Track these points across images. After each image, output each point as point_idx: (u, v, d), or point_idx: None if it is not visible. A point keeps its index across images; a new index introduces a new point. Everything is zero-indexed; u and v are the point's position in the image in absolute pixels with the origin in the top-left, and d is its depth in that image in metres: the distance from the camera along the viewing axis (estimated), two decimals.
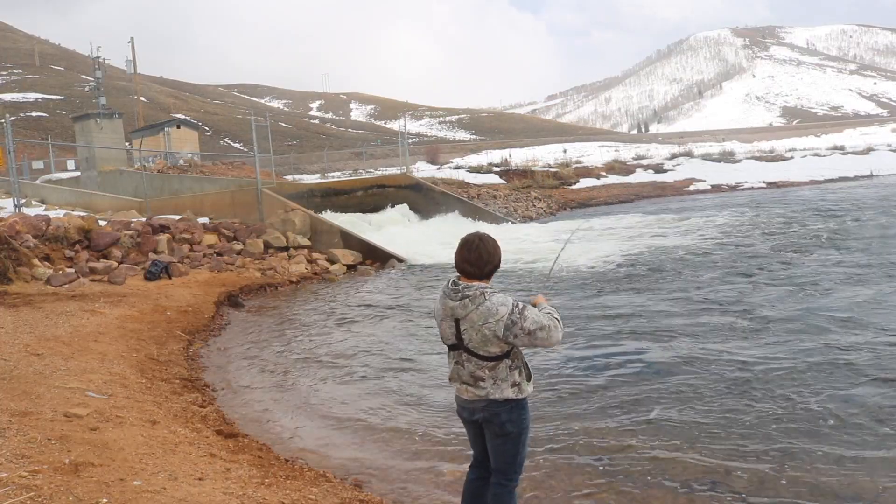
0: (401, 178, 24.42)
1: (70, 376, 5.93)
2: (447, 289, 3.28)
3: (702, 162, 40.76)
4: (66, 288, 10.34)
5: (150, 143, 30.78)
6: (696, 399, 5.90)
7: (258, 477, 4.38)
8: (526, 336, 3.14)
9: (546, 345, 3.22)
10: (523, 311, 3.15)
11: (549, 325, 3.17)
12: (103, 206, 19.82)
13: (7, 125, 15.67)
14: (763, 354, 6.99)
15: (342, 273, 14.54)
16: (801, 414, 5.44)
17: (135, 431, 4.80)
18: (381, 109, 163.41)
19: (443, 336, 3.34)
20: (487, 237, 3.30)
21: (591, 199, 31.62)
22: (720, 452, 4.86)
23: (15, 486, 3.45)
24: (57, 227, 12.70)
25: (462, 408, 3.41)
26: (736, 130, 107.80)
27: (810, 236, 15.51)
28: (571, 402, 6.03)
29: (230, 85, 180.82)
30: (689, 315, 8.88)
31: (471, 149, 69.02)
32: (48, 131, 55.70)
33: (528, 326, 3.13)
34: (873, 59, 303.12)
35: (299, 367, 7.75)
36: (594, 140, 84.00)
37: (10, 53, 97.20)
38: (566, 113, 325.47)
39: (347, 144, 75.49)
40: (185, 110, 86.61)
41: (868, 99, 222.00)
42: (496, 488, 3.40)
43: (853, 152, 44.34)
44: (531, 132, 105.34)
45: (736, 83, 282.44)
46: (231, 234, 15.58)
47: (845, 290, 9.70)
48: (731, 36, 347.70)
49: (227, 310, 10.97)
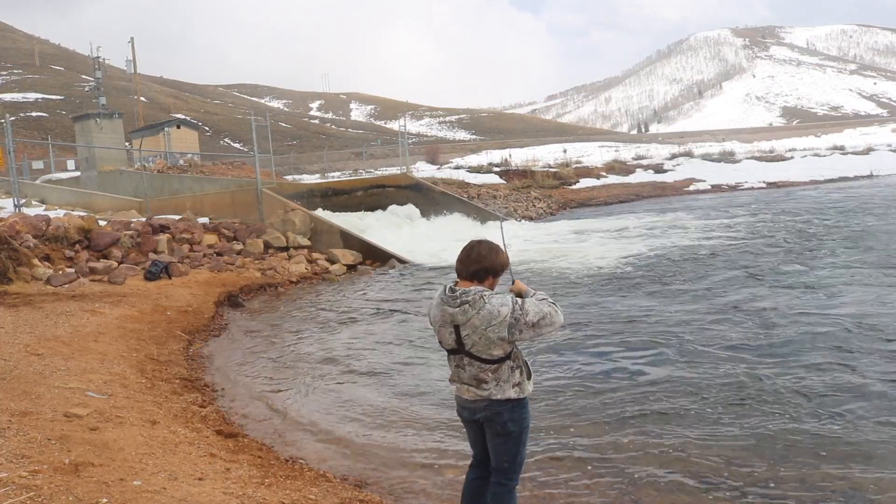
0: (401, 178, 24.40)
1: (70, 376, 5.93)
2: (444, 295, 3.25)
3: (702, 162, 40.76)
4: (66, 288, 10.34)
5: (150, 143, 30.79)
6: (697, 400, 5.90)
7: (258, 477, 4.38)
8: (531, 329, 3.14)
9: (550, 331, 3.23)
10: (524, 306, 3.15)
11: (550, 311, 3.17)
12: (103, 206, 19.82)
13: (7, 125, 15.68)
14: (769, 356, 6.99)
15: (342, 273, 14.54)
16: (805, 415, 5.44)
17: (135, 431, 4.80)
18: (381, 109, 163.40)
19: (442, 341, 3.33)
20: (488, 241, 3.30)
21: (591, 199, 31.62)
22: (721, 453, 4.85)
23: (15, 486, 3.45)
24: (57, 227, 12.70)
25: (462, 407, 3.40)
26: (736, 130, 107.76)
27: (834, 237, 15.29)
28: (573, 402, 6.02)
29: (230, 85, 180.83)
30: (700, 317, 8.87)
31: (471, 149, 69.00)
32: (48, 131, 55.71)
33: (532, 319, 3.13)
34: (873, 59, 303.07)
35: (299, 366, 7.75)
36: (594, 140, 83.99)
37: (10, 53, 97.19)
38: (566, 113, 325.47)
39: (347, 144, 75.49)
40: (185, 110, 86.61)
41: (868, 99, 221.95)
42: (496, 488, 3.40)
43: (853, 152, 44.33)
44: (531, 132, 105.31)
45: (736, 83, 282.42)
46: (231, 234, 15.58)
47: (859, 291, 9.66)
48: (731, 36, 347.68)
49: (227, 310, 10.98)
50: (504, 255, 3.30)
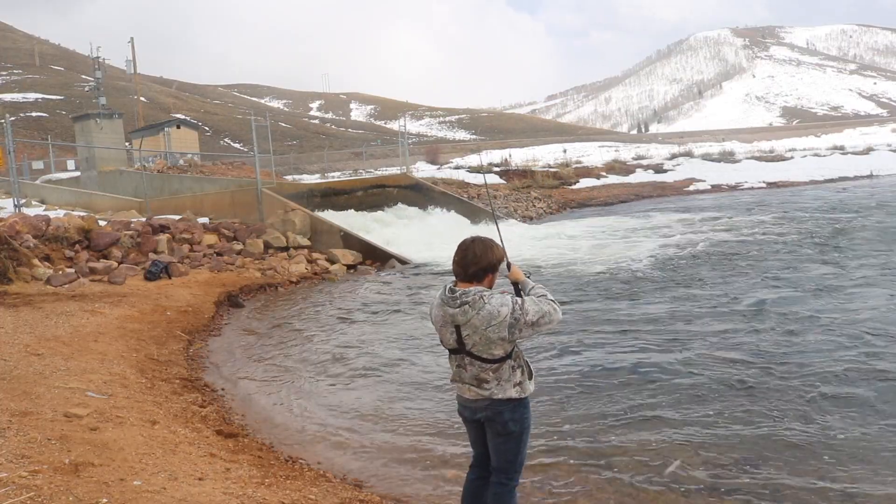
0: (401, 178, 24.40)
1: (70, 376, 5.93)
2: (444, 296, 3.25)
3: (702, 162, 40.76)
4: (66, 288, 10.33)
5: (150, 143, 30.77)
6: (699, 400, 5.89)
7: (258, 477, 4.38)
8: (530, 328, 3.15)
9: (549, 329, 3.24)
10: (523, 305, 3.14)
11: (549, 309, 3.18)
12: (103, 206, 19.82)
13: (7, 125, 15.68)
14: (773, 357, 6.98)
15: (342, 273, 14.54)
16: (808, 417, 5.44)
17: (135, 431, 4.80)
18: (381, 109, 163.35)
19: (443, 341, 3.33)
20: (482, 239, 3.29)
21: (591, 199, 31.61)
22: (722, 454, 4.85)
23: (15, 486, 3.45)
24: (57, 227, 12.70)
25: (464, 407, 3.40)
26: (736, 130, 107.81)
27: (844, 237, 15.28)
28: (573, 402, 6.02)
29: (230, 85, 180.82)
30: (709, 316, 8.86)
31: (471, 149, 68.98)
32: (48, 131, 55.70)
33: (531, 318, 3.13)
34: (873, 59, 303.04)
35: (299, 366, 7.75)
36: (594, 140, 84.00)
37: (10, 53, 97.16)
38: (566, 113, 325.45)
39: (347, 144, 75.47)
40: (185, 110, 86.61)
41: (868, 99, 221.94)
42: (497, 487, 3.40)
43: (853, 152, 44.32)
44: (531, 132, 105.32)
45: (736, 83, 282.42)
46: (231, 234, 15.58)
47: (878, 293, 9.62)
48: (731, 36, 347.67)
49: (227, 310, 10.98)
50: (499, 249, 3.30)
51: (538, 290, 3.28)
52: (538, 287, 3.31)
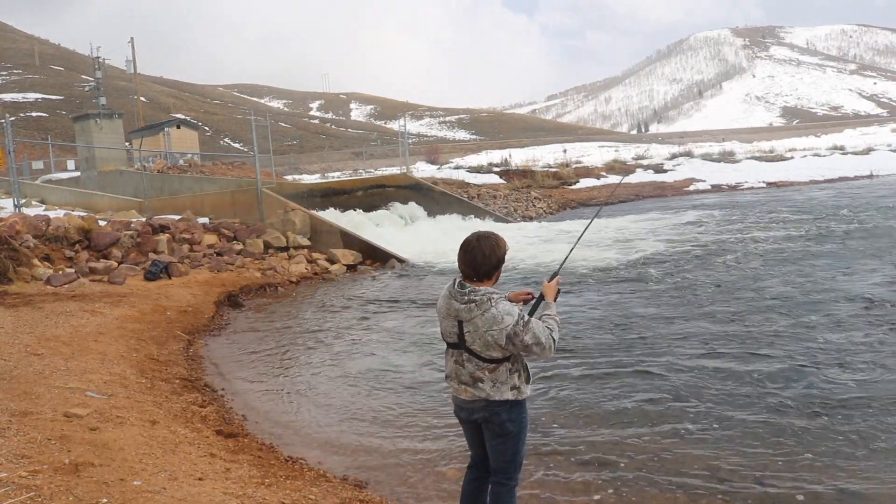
0: (401, 178, 24.41)
1: (70, 376, 5.93)
2: (453, 289, 3.23)
3: (702, 162, 40.78)
4: (66, 288, 10.33)
5: (150, 143, 30.80)
6: (699, 401, 5.89)
7: (258, 477, 4.38)
8: (522, 348, 3.14)
9: (535, 358, 3.23)
10: (527, 325, 3.11)
11: (546, 344, 3.14)
12: (103, 206, 19.82)
13: (7, 125, 15.68)
14: (773, 356, 6.98)
15: (342, 273, 14.54)
16: (811, 418, 5.43)
17: (135, 431, 4.80)
18: (381, 109, 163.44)
19: (444, 333, 3.32)
20: (486, 237, 3.25)
21: (591, 199, 31.60)
22: (722, 454, 4.85)
23: (15, 486, 3.45)
24: (57, 227, 12.70)
25: (460, 408, 3.40)
26: (736, 130, 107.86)
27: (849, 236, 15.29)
28: (573, 401, 6.02)
29: (230, 85, 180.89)
30: (711, 318, 8.87)
31: (471, 149, 69.04)
32: (48, 131, 55.73)
33: (527, 341, 3.11)
34: (873, 59, 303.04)
35: (299, 366, 7.75)
36: (594, 140, 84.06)
37: (10, 53, 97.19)
38: (566, 113, 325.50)
39: (347, 144, 75.51)
40: (185, 110, 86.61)
41: (868, 99, 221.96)
42: (496, 488, 3.40)
43: (853, 152, 44.33)
44: (531, 132, 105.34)
45: (736, 83, 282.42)
46: (231, 234, 15.58)
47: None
48: (731, 36, 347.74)
49: (227, 310, 10.97)
50: (504, 242, 3.29)
51: (549, 322, 3.23)
52: (552, 319, 3.25)
